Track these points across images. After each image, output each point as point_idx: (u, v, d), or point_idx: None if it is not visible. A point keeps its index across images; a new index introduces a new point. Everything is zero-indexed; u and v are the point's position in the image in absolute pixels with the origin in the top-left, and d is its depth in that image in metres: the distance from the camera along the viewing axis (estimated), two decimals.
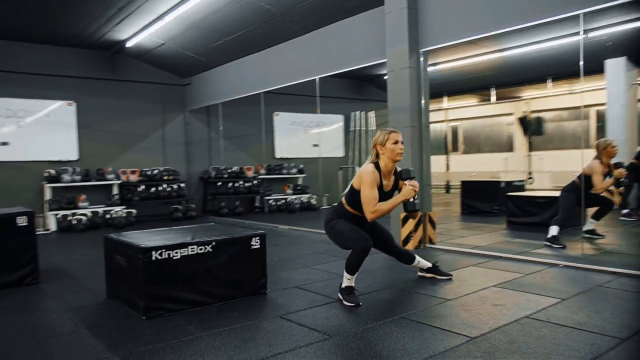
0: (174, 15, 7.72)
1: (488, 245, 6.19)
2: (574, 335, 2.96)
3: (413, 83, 6.04)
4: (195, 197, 11.23)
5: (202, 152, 11.61)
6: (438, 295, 3.96)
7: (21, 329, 3.49)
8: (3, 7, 7.27)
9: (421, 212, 6.05)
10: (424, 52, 6.10)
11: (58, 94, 9.56)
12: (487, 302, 3.72)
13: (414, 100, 6.05)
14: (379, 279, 4.58)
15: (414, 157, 6.09)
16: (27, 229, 4.79)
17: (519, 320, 3.25)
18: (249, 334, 3.20)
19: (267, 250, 4.20)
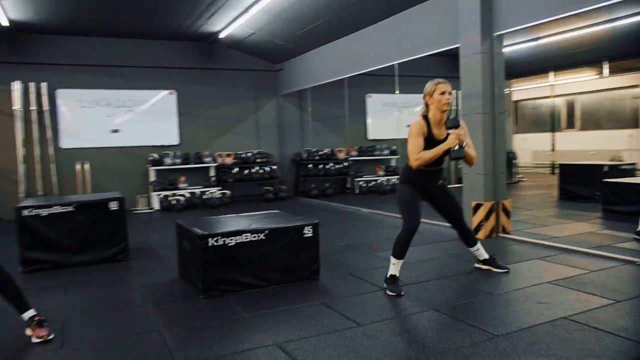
0: (258, 8, 8.07)
1: (569, 236, 5.89)
2: (606, 340, 2.83)
3: (486, 68, 5.84)
4: (287, 178, 11.70)
5: (295, 134, 12.01)
6: (484, 289, 3.92)
7: (101, 300, 4.04)
8: (116, 9, 8.05)
9: (493, 202, 5.90)
10: (498, 35, 5.85)
11: (161, 84, 10.41)
12: (531, 299, 3.63)
13: (486, 86, 5.86)
14: (433, 269, 4.60)
15: (487, 144, 5.92)
16: (118, 212, 5.41)
17: (555, 321, 3.15)
18: (286, 317, 3.45)
19: (334, 235, 4.40)
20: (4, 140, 9.01)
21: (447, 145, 3.79)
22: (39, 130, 9.22)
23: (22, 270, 4.97)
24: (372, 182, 11.86)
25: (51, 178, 9.28)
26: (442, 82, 3.90)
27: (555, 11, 5.22)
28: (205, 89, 10.86)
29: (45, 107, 9.25)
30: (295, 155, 11.90)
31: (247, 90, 11.38)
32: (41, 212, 5.05)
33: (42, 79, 9.23)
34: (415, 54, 7.13)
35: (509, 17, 5.69)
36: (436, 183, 4.09)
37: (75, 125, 9.64)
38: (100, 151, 9.82)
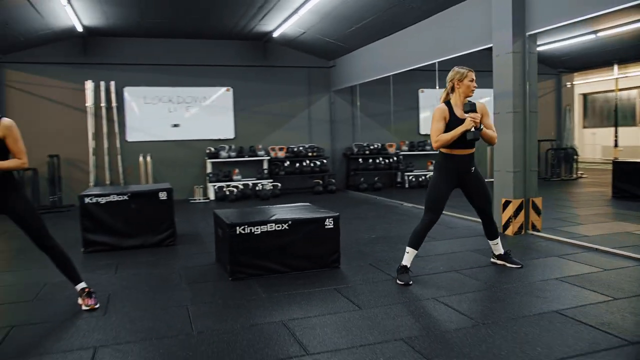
0: (307, 9, 8.44)
1: (600, 235, 5.88)
2: (584, 333, 3.01)
3: (517, 68, 5.93)
4: (338, 172, 12.07)
5: (346, 129, 12.33)
6: (489, 282, 4.13)
7: (144, 278, 4.60)
8: (176, 13, 8.70)
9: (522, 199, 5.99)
10: (531, 35, 5.91)
11: (219, 81, 11.05)
12: (531, 293, 3.81)
13: (517, 85, 5.95)
14: (449, 263, 4.82)
15: (517, 142, 6.01)
16: (167, 202, 5.99)
17: (544, 314, 3.34)
18: (298, 299, 3.83)
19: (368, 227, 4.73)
20: (78, 133, 9.96)
21: (464, 127, 4.03)
22: (108, 124, 10.11)
23: (83, 251, 5.66)
24: (422, 177, 11.99)
25: (118, 169, 10.15)
26: (472, 70, 4.18)
27: (587, 10, 5.23)
28: (260, 85, 11.39)
29: (113, 104, 10.12)
30: (346, 150, 12.23)
31: (300, 87, 11.82)
32: (100, 200, 5.71)
33: (111, 78, 10.10)
34: (453, 53, 7.26)
35: (541, 17, 5.74)
36: (469, 168, 4.28)
37: (139, 120, 10.46)
38: (162, 144, 10.61)
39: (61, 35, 9.42)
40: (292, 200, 9.35)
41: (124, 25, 9.38)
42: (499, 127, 6.18)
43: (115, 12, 8.46)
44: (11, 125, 3.46)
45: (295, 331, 3.19)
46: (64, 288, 4.06)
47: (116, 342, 3.11)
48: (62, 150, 9.80)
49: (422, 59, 8.11)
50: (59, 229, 7.07)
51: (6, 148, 3.45)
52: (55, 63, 9.84)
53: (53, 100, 9.90)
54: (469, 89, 4.11)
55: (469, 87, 4.11)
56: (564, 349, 2.80)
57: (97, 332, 3.28)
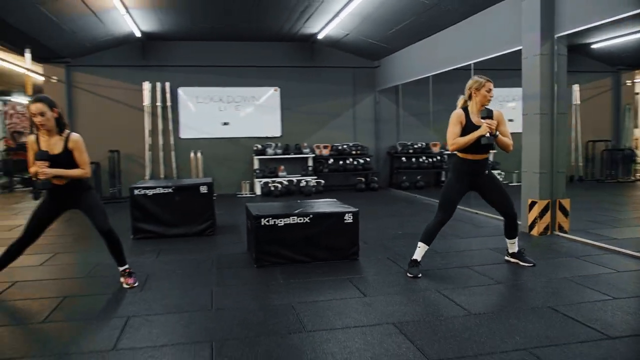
0: (347, 12, 8.75)
1: (630, 238, 5.87)
2: (568, 327, 3.19)
3: (545, 70, 6.00)
4: (382, 170, 12.31)
5: (391, 128, 12.52)
6: (495, 278, 4.33)
7: (181, 263, 5.10)
8: (225, 17, 9.24)
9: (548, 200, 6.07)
10: (560, 37, 5.96)
11: (267, 81, 11.55)
12: (532, 289, 4.00)
13: (545, 87, 6.01)
14: (462, 259, 5.04)
15: (544, 144, 6.08)
16: (208, 195, 6.50)
17: (536, 308, 3.55)
18: (311, 286, 4.19)
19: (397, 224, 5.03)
20: (136, 131, 10.74)
21: (479, 133, 4.24)
22: (163, 122, 10.84)
23: (133, 237, 6.26)
24: None
25: (171, 163, 10.87)
26: (489, 80, 4.38)
27: (618, 11, 5.20)
28: (306, 85, 11.80)
29: (168, 103, 10.84)
30: (390, 148, 12.43)
31: (346, 86, 12.13)
32: (148, 192, 6.29)
33: (167, 79, 10.82)
34: (486, 55, 7.37)
35: (571, 18, 5.77)
36: (483, 172, 4.49)
37: (192, 119, 11.13)
38: (212, 141, 11.23)
39: (121, 40, 10.20)
40: (334, 196, 9.72)
41: (177, 30, 10.04)
42: (526, 129, 6.31)
43: (169, 18, 9.10)
44: (79, 139, 4.09)
45: (300, 312, 3.55)
46: (111, 268, 4.60)
47: (146, 313, 3.59)
48: (121, 146, 10.61)
49: (458, 61, 8.24)
50: (114, 218, 7.64)
51: (73, 159, 4.02)
52: (116, 66, 10.66)
53: (114, 99, 10.73)
54: (485, 98, 4.30)
55: (485, 96, 4.30)
56: (541, 339, 3.01)
57: (132, 305, 3.78)
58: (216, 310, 3.64)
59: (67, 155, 4.00)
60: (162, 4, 8.26)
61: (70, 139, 4.03)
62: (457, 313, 3.48)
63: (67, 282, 4.51)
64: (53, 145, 3.99)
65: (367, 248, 5.50)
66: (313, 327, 3.26)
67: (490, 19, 7.33)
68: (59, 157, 3.97)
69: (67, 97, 10.48)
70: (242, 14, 9.11)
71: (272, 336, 3.15)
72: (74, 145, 4.03)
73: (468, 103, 4.44)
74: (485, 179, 4.52)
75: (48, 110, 3.92)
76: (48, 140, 4.00)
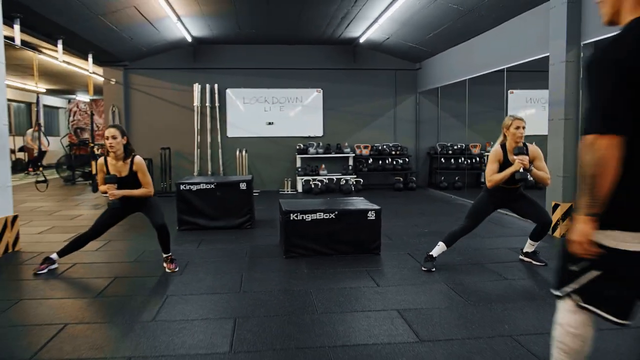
0: (385, 17, 9.11)
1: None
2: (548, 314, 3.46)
3: (570, 77, 6.17)
4: (422, 171, 12.57)
5: (432, 129, 12.73)
6: (504, 275, 4.61)
7: (218, 251, 5.63)
8: (270, 22, 9.78)
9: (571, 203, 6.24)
10: (586, 44, 6.11)
11: (310, 83, 12.04)
12: (534, 284, 4.28)
13: (569, 93, 6.18)
14: (478, 257, 5.31)
15: (567, 148, 6.25)
16: (247, 191, 7.03)
17: (533, 300, 3.84)
18: (330, 275, 4.62)
19: (426, 223, 5.42)
20: (186, 129, 11.48)
21: (513, 169, 4.53)
22: (211, 122, 11.53)
23: (178, 229, 6.87)
24: None
25: (218, 161, 11.54)
26: (518, 118, 4.64)
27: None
28: (348, 86, 12.21)
29: (216, 104, 11.51)
30: (429, 149, 12.66)
31: (387, 88, 12.45)
32: (192, 187, 6.88)
33: (215, 80, 11.49)
34: (516, 61, 7.59)
35: (596, 26, 5.92)
36: (513, 198, 4.84)
37: (239, 118, 11.77)
38: (257, 140, 11.83)
39: (174, 45, 10.94)
40: (373, 195, 10.13)
41: (226, 35, 10.67)
42: (551, 133, 6.49)
43: (217, 24, 9.72)
44: (141, 162, 4.74)
45: (316, 297, 3.99)
46: (156, 254, 5.20)
47: (183, 293, 4.13)
48: (172, 143, 11.38)
49: (491, 66, 8.46)
50: (164, 210, 8.41)
51: (138, 179, 4.67)
52: (169, 68, 11.43)
53: (166, 100, 11.51)
54: (515, 136, 4.58)
55: (515, 134, 4.58)
56: (528, 328, 3.32)
57: (171, 286, 4.33)
58: (243, 293, 4.13)
59: (133, 176, 4.65)
60: (211, 12, 8.87)
61: (135, 162, 4.69)
62: (458, 304, 3.82)
63: (118, 265, 5.13)
64: (120, 168, 4.64)
65: (391, 244, 5.87)
66: (324, 310, 3.70)
67: (520, 26, 7.52)
68: (126, 178, 4.66)
69: (124, 97, 11.34)
70: (285, 20, 9.62)
71: (287, 316, 3.61)
72: (137, 168, 4.69)
73: (505, 141, 4.73)
74: (517, 198, 4.84)
75: (120, 136, 4.56)
76: (115, 164, 4.65)
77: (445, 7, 8.04)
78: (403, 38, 10.51)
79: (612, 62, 1.78)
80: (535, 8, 7.13)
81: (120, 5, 7.66)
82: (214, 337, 3.24)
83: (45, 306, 3.88)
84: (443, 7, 8.07)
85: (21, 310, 3.81)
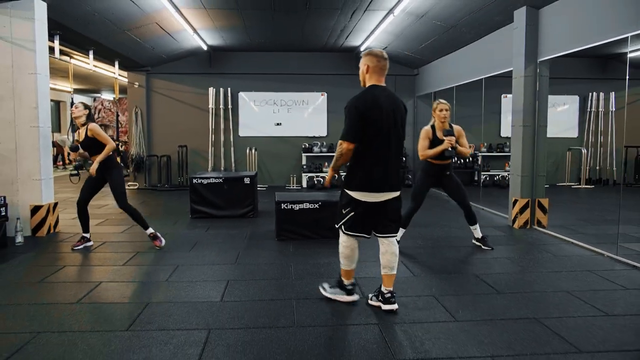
0: (380, 30, 10.10)
1: (595, 234, 6.87)
2: (482, 286, 4.49)
3: (528, 89, 7.11)
4: (418, 169, 13.49)
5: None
6: (465, 260, 5.62)
7: (222, 235, 6.73)
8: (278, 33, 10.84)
9: (528, 199, 7.20)
10: (542, 61, 7.05)
11: (315, 87, 13.09)
12: (472, 261, 5.27)
13: (528, 104, 7.12)
14: (439, 242, 6.32)
15: (525, 151, 7.20)
16: (250, 185, 8.12)
17: (467, 275, 4.84)
18: (312, 254, 5.68)
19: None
20: (202, 129, 12.64)
21: (443, 147, 5.55)
22: (224, 122, 12.67)
23: (190, 216, 7.99)
24: (497, 177, 13.00)
25: (231, 157, 12.67)
26: (441, 102, 5.71)
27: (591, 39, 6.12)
28: (351, 90, 12.90)
29: (229, 106, 12.64)
30: None
31: None
32: (203, 181, 8.00)
33: (228, 84, 12.63)
34: (490, 73, 8.52)
35: (552, 46, 6.84)
36: (445, 172, 5.87)
37: (249, 119, 12.88)
38: (266, 139, 12.93)
39: (191, 52, 12.09)
40: None
41: (238, 44, 11.77)
42: (513, 138, 7.45)
43: (230, 35, 10.83)
44: (95, 127, 5.71)
45: (294, 269, 5.07)
46: (170, 236, 6.32)
47: (190, 264, 5.24)
48: (189, 142, 12.55)
49: (474, 74, 9.40)
50: (180, 201, 9.63)
51: (99, 142, 5.67)
52: (187, 73, 12.59)
53: (184, 102, 12.68)
54: (439, 117, 5.64)
55: (439, 115, 5.64)
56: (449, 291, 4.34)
57: (181, 259, 5.45)
58: (237, 265, 5.23)
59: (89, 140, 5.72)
60: (223, 26, 9.97)
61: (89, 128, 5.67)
62: (405, 274, 4.86)
63: (139, 243, 6.25)
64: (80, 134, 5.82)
65: None
66: (298, 277, 4.78)
67: (494, 42, 8.47)
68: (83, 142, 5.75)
69: (146, 99, 12.54)
70: (290, 32, 10.69)
71: (268, 280, 4.70)
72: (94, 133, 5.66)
73: (434, 122, 5.76)
74: (448, 179, 5.87)
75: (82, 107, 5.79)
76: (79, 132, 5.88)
77: (431, 24, 9.02)
78: (399, 47, 11.49)
79: (355, 108, 3.72)
80: (503, 28, 8.08)
81: (143, 22, 8.80)
82: (211, 292, 4.35)
83: (83, 270, 5.04)
84: (429, 24, 9.05)
85: (66, 273, 4.96)
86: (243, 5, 8.47)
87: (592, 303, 4.05)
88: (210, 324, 3.60)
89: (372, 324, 3.61)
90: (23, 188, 6.51)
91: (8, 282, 4.66)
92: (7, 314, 3.80)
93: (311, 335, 3.42)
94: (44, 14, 6.55)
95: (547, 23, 6.90)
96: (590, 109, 13.66)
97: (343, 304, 4.05)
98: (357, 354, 3.12)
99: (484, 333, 3.43)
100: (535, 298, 4.19)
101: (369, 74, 3.91)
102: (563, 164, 13.36)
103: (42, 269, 5.06)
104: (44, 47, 6.62)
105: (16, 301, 4.11)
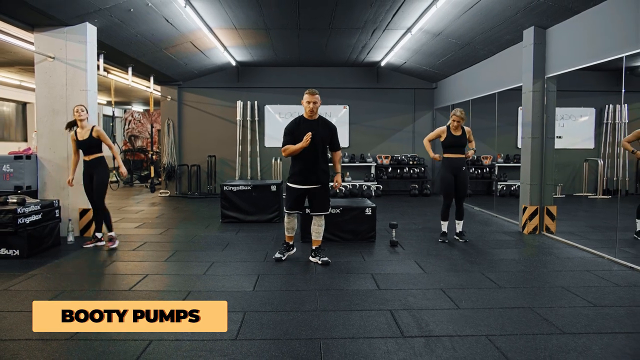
0: (399, 47, 10.70)
1: (600, 240, 7.28)
2: (474, 274, 5.00)
3: (536, 103, 7.59)
4: (437, 179, 13.99)
5: None
6: (458, 253, 6.13)
7: (251, 237, 7.34)
8: (302, 49, 11.51)
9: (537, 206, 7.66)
10: (549, 77, 7.53)
11: (338, 100, 13.71)
12: (458, 254, 5.77)
13: (536, 117, 7.61)
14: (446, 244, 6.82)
15: (534, 161, 7.66)
16: (276, 192, 8.74)
17: (457, 264, 5.35)
18: (331, 254, 6.21)
19: (422, 221, 7.01)
20: (230, 140, 13.35)
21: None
22: (251, 133, 13.37)
23: (221, 221, 8.64)
24: (514, 186, 13.38)
25: (257, 167, 13.35)
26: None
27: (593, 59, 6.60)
28: (371, 103, 13.81)
29: (256, 118, 13.34)
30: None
31: (407, 105, 13.98)
32: (232, 188, 8.65)
33: (255, 98, 13.34)
34: (503, 87, 9.02)
35: (558, 63, 7.32)
36: (461, 168, 6.68)
37: (275, 131, 13.54)
38: None
39: (221, 67, 12.85)
40: (390, 199, 11.69)
41: (265, 59, 12.49)
42: (523, 149, 7.92)
43: (257, 52, 11.54)
44: (100, 130, 6.52)
45: (316, 265, 5.64)
46: (205, 237, 6.96)
47: (224, 260, 5.86)
48: (217, 152, 13.28)
49: (487, 89, 9.89)
50: (210, 208, 10.29)
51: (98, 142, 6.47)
52: (216, 87, 13.35)
53: (213, 114, 13.43)
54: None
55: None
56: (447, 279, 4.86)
57: (216, 257, 6.07)
58: (266, 262, 5.83)
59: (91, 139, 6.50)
60: (251, 44, 10.68)
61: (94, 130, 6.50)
62: (416, 270, 5.39)
63: (177, 243, 6.91)
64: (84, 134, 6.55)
65: (386, 235, 7.44)
66: (322, 272, 5.35)
67: (505, 59, 8.97)
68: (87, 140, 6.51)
69: (178, 112, 13.33)
70: (314, 49, 11.35)
71: (293, 275, 5.29)
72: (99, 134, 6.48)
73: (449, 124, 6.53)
74: (461, 175, 6.73)
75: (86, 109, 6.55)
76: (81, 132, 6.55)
77: (447, 42, 9.57)
78: (418, 63, 12.05)
79: (288, 128, 5.60)
80: (514, 46, 8.59)
81: (179, 42, 9.55)
82: (244, 283, 4.95)
83: (131, 264, 5.70)
84: (444, 42, 9.60)
85: (115, 266, 5.63)
86: (271, 25, 9.16)
87: (583, 296, 4.53)
88: (245, 308, 4.19)
89: (385, 310, 4.15)
90: (73, 193, 7.23)
91: (70, 273, 5.34)
92: (77, 297, 4.46)
93: (331, 317, 3.98)
94: (95, 37, 7.31)
95: (553, 42, 7.39)
96: (607, 121, 13.97)
97: (359, 294, 4.60)
98: (371, 331, 3.68)
99: (482, 318, 3.95)
100: (533, 292, 4.69)
101: None
102: (580, 174, 13.73)
103: (94, 264, 5.74)
104: (94, 67, 7.37)
105: (80, 287, 4.78)
